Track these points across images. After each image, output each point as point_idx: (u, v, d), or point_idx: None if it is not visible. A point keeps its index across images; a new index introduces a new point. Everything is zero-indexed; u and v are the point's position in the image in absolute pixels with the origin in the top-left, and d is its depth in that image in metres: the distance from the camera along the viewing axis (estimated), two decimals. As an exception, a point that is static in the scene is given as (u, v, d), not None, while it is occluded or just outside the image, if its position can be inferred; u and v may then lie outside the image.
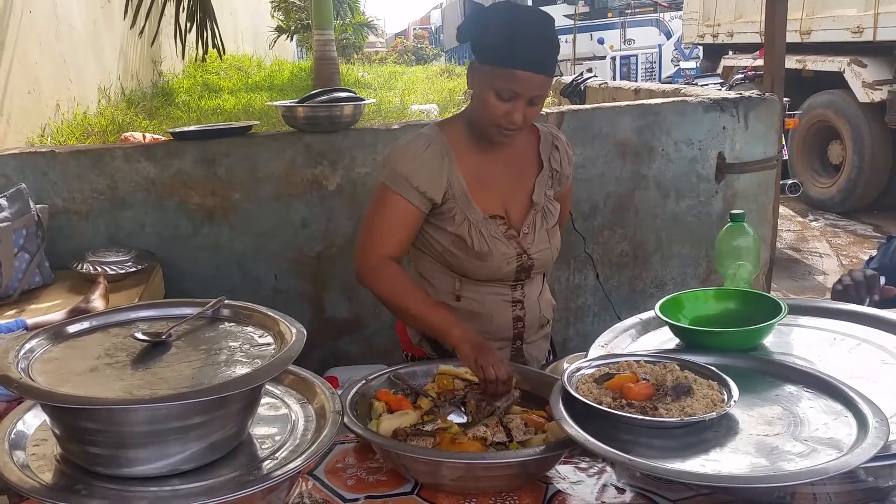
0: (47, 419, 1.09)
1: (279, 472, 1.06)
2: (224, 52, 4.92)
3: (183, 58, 7.05)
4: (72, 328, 1.21)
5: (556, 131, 1.86)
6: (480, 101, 1.62)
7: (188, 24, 4.43)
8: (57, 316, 2.05)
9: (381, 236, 1.68)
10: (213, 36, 4.56)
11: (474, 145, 1.72)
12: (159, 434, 1.02)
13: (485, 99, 1.60)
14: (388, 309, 1.72)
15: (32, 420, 1.17)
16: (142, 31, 4.39)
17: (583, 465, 1.31)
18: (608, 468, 1.29)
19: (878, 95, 6.31)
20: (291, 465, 1.07)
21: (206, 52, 4.65)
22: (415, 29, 40.01)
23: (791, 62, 6.87)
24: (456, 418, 1.38)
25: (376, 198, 1.71)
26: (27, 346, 1.12)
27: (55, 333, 1.18)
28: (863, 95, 6.43)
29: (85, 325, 1.23)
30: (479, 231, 1.68)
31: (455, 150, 1.70)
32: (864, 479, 1.08)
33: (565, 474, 1.29)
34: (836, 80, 6.78)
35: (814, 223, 6.75)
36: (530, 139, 1.81)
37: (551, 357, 1.95)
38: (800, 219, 6.65)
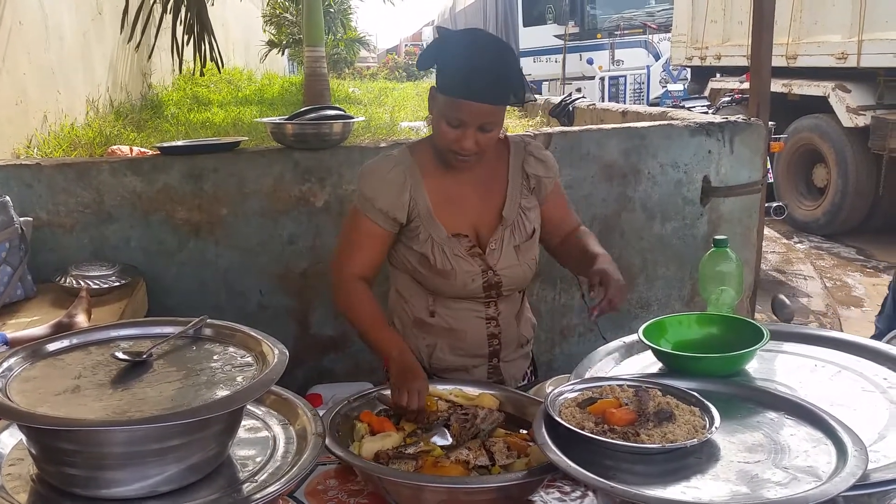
0: (24, 439, 1.07)
1: (259, 495, 1.06)
2: (222, 65, 4.88)
3: (180, 71, 7.05)
4: (52, 346, 1.20)
5: (528, 139, 1.87)
6: (435, 127, 1.67)
7: (186, 37, 4.40)
8: (39, 330, 2.03)
9: (348, 255, 1.76)
10: (211, 48, 4.53)
11: (442, 166, 1.74)
12: (137, 456, 1.01)
13: (438, 125, 1.65)
14: (350, 324, 1.77)
15: (8, 439, 1.16)
16: (138, 46, 4.37)
17: (566, 489, 1.31)
18: (591, 492, 1.28)
19: (862, 120, 6.40)
20: (271, 489, 1.07)
21: (204, 64, 4.61)
22: (406, 45, 40.20)
23: (777, 86, 6.96)
24: (440, 440, 1.38)
25: (348, 218, 1.81)
26: (5, 364, 1.11)
27: (34, 351, 1.17)
28: (847, 120, 6.51)
29: (65, 342, 1.22)
30: (441, 249, 1.71)
31: (422, 170, 1.74)
32: (844, 507, 1.08)
33: (548, 498, 1.28)
34: (821, 105, 6.87)
35: (798, 245, 6.81)
36: (501, 153, 1.81)
37: (532, 377, 1.95)
38: (784, 241, 6.70)
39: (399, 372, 1.53)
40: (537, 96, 11.76)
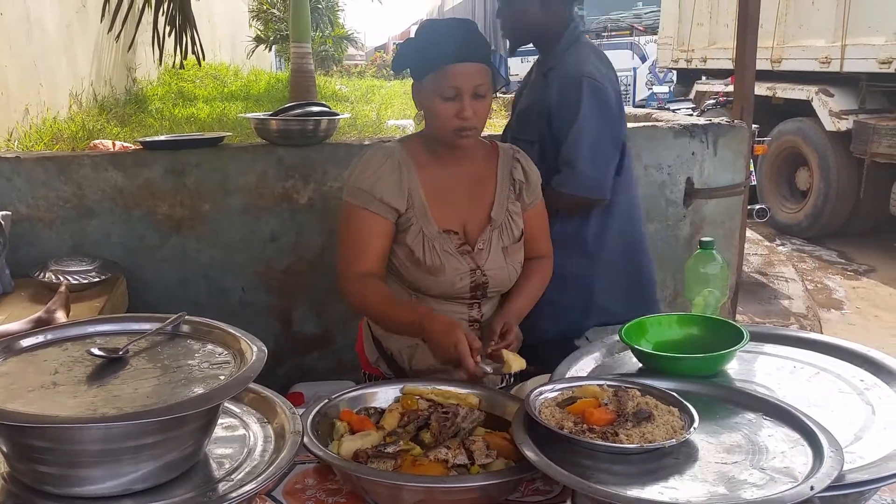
0: (-5, 436, 1.05)
1: (235, 494, 1.04)
2: (203, 59, 4.86)
3: (160, 64, 6.97)
4: (26, 341, 1.18)
5: (517, 148, 1.88)
6: (430, 112, 1.67)
7: (168, 30, 4.37)
8: (16, 326, 2.00)
9: (353, 256, 1.71)
10: (193, 42, 4.50)
11: (434, 160, 1.75)
12: (112, 453, 1.00)
13: (433, 108, 1.65)
14: (375, 323, 1.82)
15: (-20, 436, 1.13)
16: (118, 37, 4.33)
17: (545, 488, 1.31)
18: (570, 492, 1.28)
19: (845, 125, 6.47)
20: (247, 487, 1.06)
21: (184, 58, 4.59)
22: (394, 43, 40.10)
23: (761, 89, 7.01)
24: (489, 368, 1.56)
25: (343, 216, 1.75)
26: (-22, 359, 1.09)
27: (7, 347, 1.16)
28: (830, 124, 6.57)
29: (40, 338, 1.20)
30: (431, 245, 1.70)
31: (415, 163, 1.74)
32: (820, 508, 1.09)
33: (527, 498, 1.28)
34: (804, 109, 6.93)
35: (781, 248, 6.86)
36: (490, 156, 1.82)
37: (511, 378, 1.94)
38: (767, 243, 6.75)
39: (437, 337, 1.56)
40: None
